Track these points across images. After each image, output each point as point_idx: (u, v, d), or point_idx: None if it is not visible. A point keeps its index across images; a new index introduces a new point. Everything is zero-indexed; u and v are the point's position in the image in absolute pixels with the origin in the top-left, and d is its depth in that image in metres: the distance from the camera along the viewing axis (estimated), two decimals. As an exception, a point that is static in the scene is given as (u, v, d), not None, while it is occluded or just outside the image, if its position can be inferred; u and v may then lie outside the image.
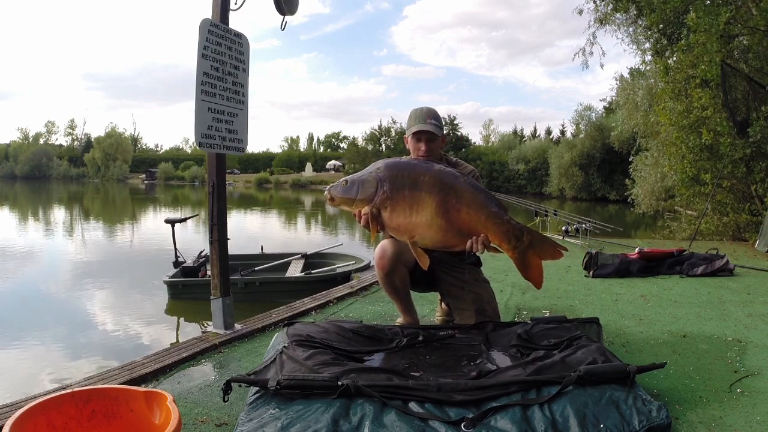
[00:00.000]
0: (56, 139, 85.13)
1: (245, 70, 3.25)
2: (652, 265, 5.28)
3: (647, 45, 11.95)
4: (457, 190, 2.23)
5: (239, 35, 3.18)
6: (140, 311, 6.72)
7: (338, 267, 7.95)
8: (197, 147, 3.06)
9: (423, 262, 2.31)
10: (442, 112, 3.02)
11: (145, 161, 78.30)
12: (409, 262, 2.72)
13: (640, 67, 15.83)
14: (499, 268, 5.01)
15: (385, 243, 2.80)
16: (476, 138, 75.10)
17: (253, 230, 17.04)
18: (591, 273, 5.14)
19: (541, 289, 2.49)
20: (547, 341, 2.32)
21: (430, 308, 3.64)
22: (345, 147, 75.10)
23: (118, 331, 5.88)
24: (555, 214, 9.88)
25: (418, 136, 2.68)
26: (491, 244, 2.25)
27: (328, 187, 2.33)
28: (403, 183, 2.22)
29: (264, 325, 3.25)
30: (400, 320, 3.07)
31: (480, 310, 2.78)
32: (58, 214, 23.81)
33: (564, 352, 2.12)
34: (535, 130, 60.96)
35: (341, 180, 2.31)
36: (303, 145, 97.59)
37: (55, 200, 33.39)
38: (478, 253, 2.33)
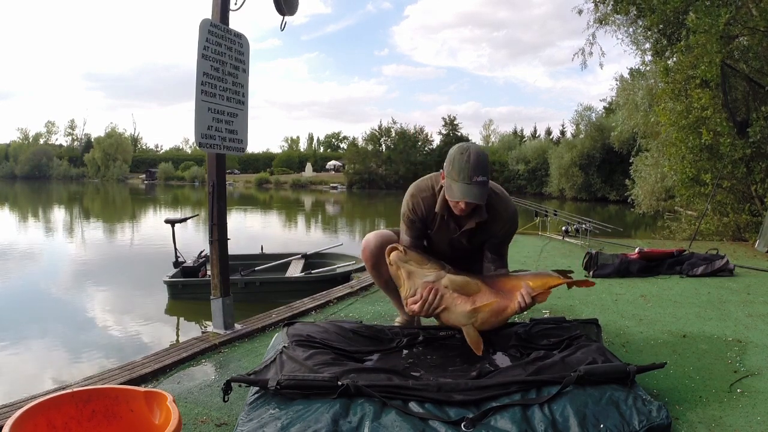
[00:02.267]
0: (56, 139, 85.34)
1: (245, 71, 3.25)
2: (652, 265, 5.27)
3: (647, 45, 11.92)
4: None
5: (239, 35, 3.18)
6: (140, 311, 6.72)
7: (338, 267, 7.95)
8: (197, 147, 3.06)
9: (477, 347, 2.29)
10: (443, 112, 2.92)
11: (145, 161, 78.33)
12: None
13: (640, 67, 15.80)
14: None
15: (369, 236, 2.79)
16: (476, 138, 75.21)
17: (253, 230, 17.04)
18: (591, 273, 5.14)
19: None
20: (547, 341, 2.32)
21: (430, 308, 3.63)
22: (345, 147, 75.12)
23: (118, 331, 5.89)
24: (555, 215, 9.89)
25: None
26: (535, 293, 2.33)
27: (395, 245, 2.44)
28: None
29: (264, 325, 3.25)
30: (399, 319, 3.06)
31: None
32: (58, 214, 23.80)
33: (564, 352, 2.12)
34: (535, 131, 61.26)
35: None
36: (303, 146, 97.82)
37: (55, 200, 33.38)
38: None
